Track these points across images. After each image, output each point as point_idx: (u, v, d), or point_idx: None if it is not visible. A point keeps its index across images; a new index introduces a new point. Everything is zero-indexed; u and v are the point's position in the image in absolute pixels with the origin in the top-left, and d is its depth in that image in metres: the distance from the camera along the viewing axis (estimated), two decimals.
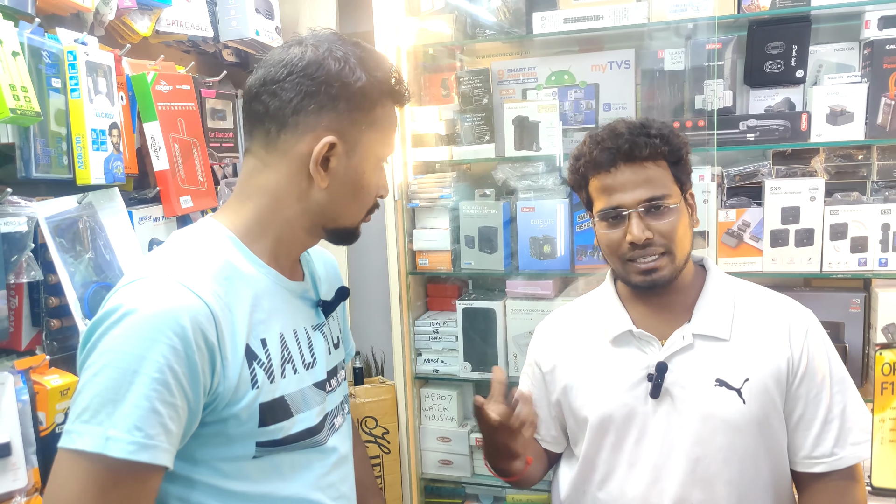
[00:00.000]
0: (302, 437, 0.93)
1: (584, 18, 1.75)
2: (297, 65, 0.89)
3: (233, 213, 0.94)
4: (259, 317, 0.90)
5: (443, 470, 2.01)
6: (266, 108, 0.90)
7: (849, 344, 1.69)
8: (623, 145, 1.14)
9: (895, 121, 1.61)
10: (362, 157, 0.93)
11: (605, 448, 1.22)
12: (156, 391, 0.77)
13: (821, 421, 1.17)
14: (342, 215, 0.96)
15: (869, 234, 1.65)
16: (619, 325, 1.22)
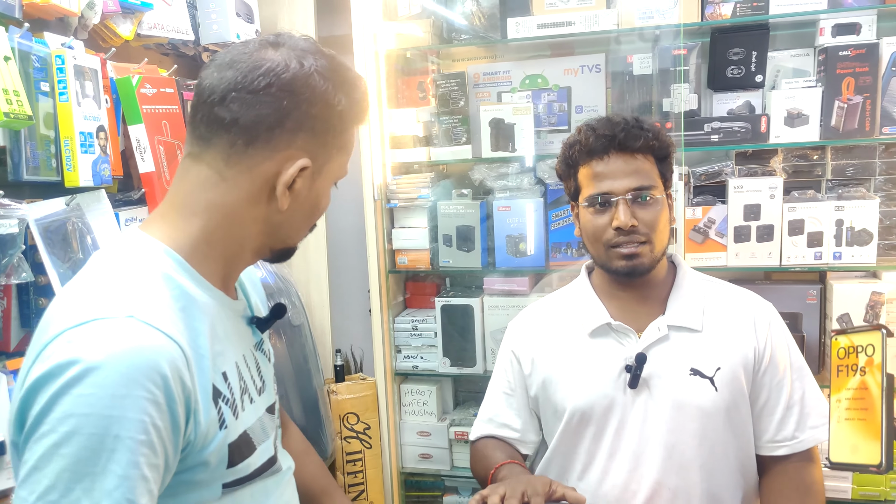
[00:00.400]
0: (265, 468, 0.88)
1: (557, 24, 1.82)
2: (280, 76, 0.79)
3: (173, 228, 0.82)
4: (217, 348, 0.81)
5: (423, 463, 2.06)
6: (235, 118, 0.80)
7: (806, 333, 1.79)
8: (619, 133, 1.19)
9: (848, 123, 1.71)
10: (325, 180, 0.87)
11: (586, 439, 1.25)
12: (144, 455, 0.67)
13: (783, 407, 1.24)
14: (292, 236, 0.90)
15: (824, 229, 1.76)
16: (597, 319, 1.27)
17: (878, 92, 1.69)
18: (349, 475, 1.97)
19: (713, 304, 1.27)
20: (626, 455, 1.22)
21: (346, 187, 2.10)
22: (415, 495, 2.11)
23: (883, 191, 1.77)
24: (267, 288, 1.68)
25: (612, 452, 1.23)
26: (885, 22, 1.78)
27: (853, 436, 1.03)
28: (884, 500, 1.77)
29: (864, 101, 1.70)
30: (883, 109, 1.69)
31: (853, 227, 1.74)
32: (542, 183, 1.94)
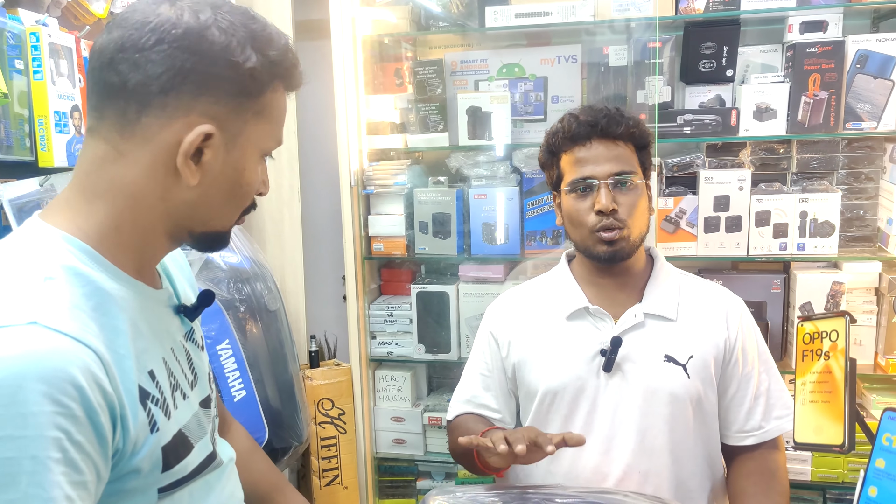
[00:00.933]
0: (204, 466, 0.82)
1: (535, 14, 1.83)
2: (170, 31, 0.70)
3: (77, 214, 0.73)
4: (141, 345, 0.74)
5: (396, 449, 2.08)
6: (124, 82, 0.71)
7: (770, 321, 1.86)
8: (602, 120, 1.23)
9: (814, 118, 1.77)
10: (244, 151, 0.77)
11: (557, 420, 1.28)
12: (64, 474, 0.61)
13: (751, 398, 1.29)
14: (214, 218, 0.79)
15: (789, 221, 1.81)
16: (576, 303, 1.30)
17: (842, 88, 1.75)
18: (324, 460, 1.98)
19: (688, 296, 1.31)
20: (598, 438, 1.25)
21: (321, 173, 2.13)
22: (388, 480, 2.13)
23: (845, 184, 1.83)
24: (243, 273, 1.67)
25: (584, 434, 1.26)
26: (851, 20, 1.84)
27: (817, 417, 1.07)
28: (841, 482, 1.84)
29: (829, 96, 1.75)
30: (847, 105, 1.75)
31: (816, 219, 1.80)
32: (518, 172, 1.96)
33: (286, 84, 0.80)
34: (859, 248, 1.83)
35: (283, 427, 1.69)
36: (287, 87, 0.81)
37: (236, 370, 1.57)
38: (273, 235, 2.02)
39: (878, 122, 1.74)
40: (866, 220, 1.83)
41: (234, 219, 0.82)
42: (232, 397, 1.56)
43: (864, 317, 1.80)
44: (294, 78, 0.80)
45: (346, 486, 2.00)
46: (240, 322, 1.62)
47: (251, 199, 0.82)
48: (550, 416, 1.29)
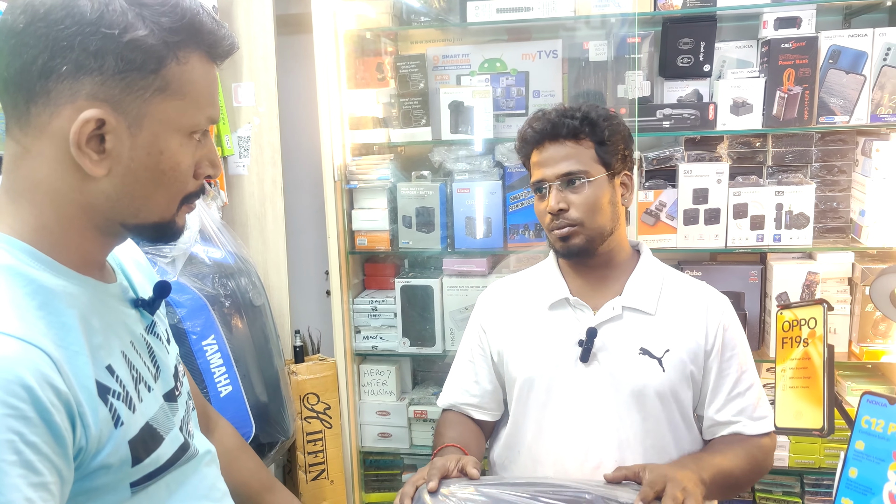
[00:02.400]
0: (176, 457, 0.80)
1: (516, 9, 1.85)
2: (38, 9, 0.65)
3: (7, 214, 0.71)
4: (96, 341, 0.72)
5: (381, 442, 2.08)
6: (8, 72, 0.67)
7: (748, 311, 1.90)
8: (546, 126, 1.29)
9: (788, 112, 1.81)
10: (155, 133, 0.70)
11: (535, 408, 1.30)
12: (21, 476, 0.60)
13: (725, 394, 1.28)
14: (143, 208, 0.74)
15: (765, 213, 1.86)
16: (557, 293, 1.33)
17: (815, 83, 1.79)
18: (310, 455, 1.98)
19: (670, 291, 1.32)
20: (573, 427, 1.27)
21: (303, 168, 2.12)
22: (374, 473, 2.14)
23: (819, 177, 1.88)
24: (227, 268, 1.66)
25: (561, 423, 1.28)
26: (824, 16, 1.88)
27: (797, 402, 1.11)
28: (818, 467, 1.89)
29: (803, 91, 1.80)
30: (820, 100, 1.80)
31: (791, 210, 1.84)
32: (501, 166, 1.97)
33: (206, 52, 0.73)
34: (833, 239, 1.88)
35: (270, 422, 1.69)
36: (209, 56, 0.73)
37: (222, 366, 1.56)
38: (256, 230, 2.01)
39: (850, 116, 1.79)
40: (839, 212, 1.88)
41: (174, 207, 0.76)
42: (218, 392, 1.55)
43: (839, 306, 1.84)
44: (212, 45, 0.73)
45: (332, 480, 2.00)
46: (225, 317, 1.61)
47: (186, 182, 0.75)
48: (529, 403, 1.31)
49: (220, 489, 0.91)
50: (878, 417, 0.84)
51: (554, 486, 1.06)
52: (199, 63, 0.72)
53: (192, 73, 0.72)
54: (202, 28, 0.71)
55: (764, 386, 1.90)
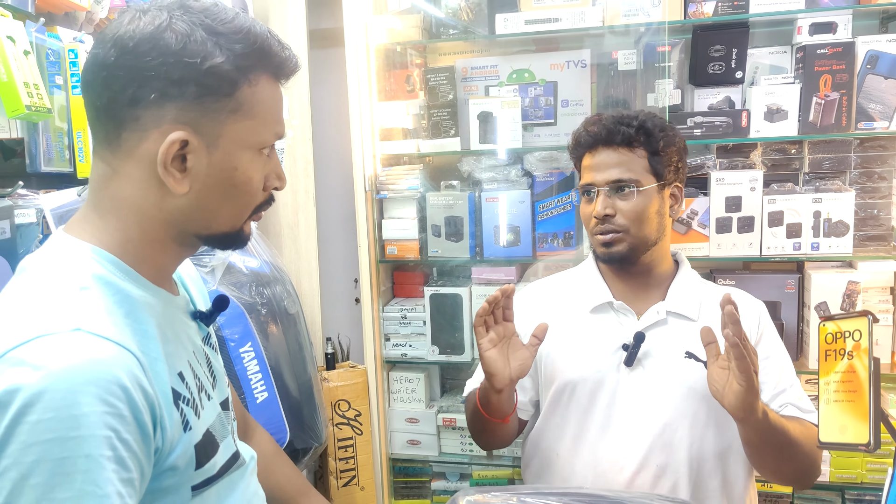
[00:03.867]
0: (229, 465, 0.85)
1: (544, 20, 1.86)
2: (127, 43, 0.70)
3: (95, 229, 0.77)
4: (169, 349, 0.77)
5: (411, 450, 2.10)
6: (100, 101, 0.73)
7: (785, 321, 1.85)
8: (601, 131, 1.30)
9: (825, 118, 1.77)
10: (229, 151, 0.75)
11: (577, 412, 1.30)
12: (115, 472, 0.64)
13: (770, 390, 1.27)
14: (215, 220, 0.79)
15: (802, 221, 1.81)
16: (600, 297, 1.34)
17: (853, 89, 1.75)
18: (341, 461, 2.00)
19: (709, 298, 1.33)
20: (617, 431, 1.27)
21: (335, 178, 2.17)
22: (403, 480, 2.15)
23: (858, 184, 1.83)
24: (263, 277, 1.71)
25: (603, 427, 1.28)
26: (860, 21, 1.84)
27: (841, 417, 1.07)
28: (860, 483, 1.83)
29: (840, 97, 1.76)
30: (858, 105, 1.75)
31: (830, 218, 1.80)
32: (529, 175, 1.98)
33: (272, 73, 0.78)
34: (874, 248, 1.82)
35: (304, 428, 1.72)
36: (276, 76, 0.78)
37: (258, 372, 1.60)
38: (289, 239, 2.06)
39: (889, 122, 1.74)
40: (880, 220, 1.82)
41: (243, 218, 0.81)
42: (255, 399, 1.59)
43: (881, 316, 1.79)
44: (279, 66, 0.78)
45: (362, 486, 2.02)
46: (261, 325, 1.65)
47: (256, 195, 0.81)
48: (571, 407, 1.31)
49: (260, 496, 0.94)
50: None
51: (592, 495, 1.07)
52: (267, 84, 0.78)
53: (262, 94, 0.77)
54: (271, 52, 0.76)
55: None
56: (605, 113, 1.36)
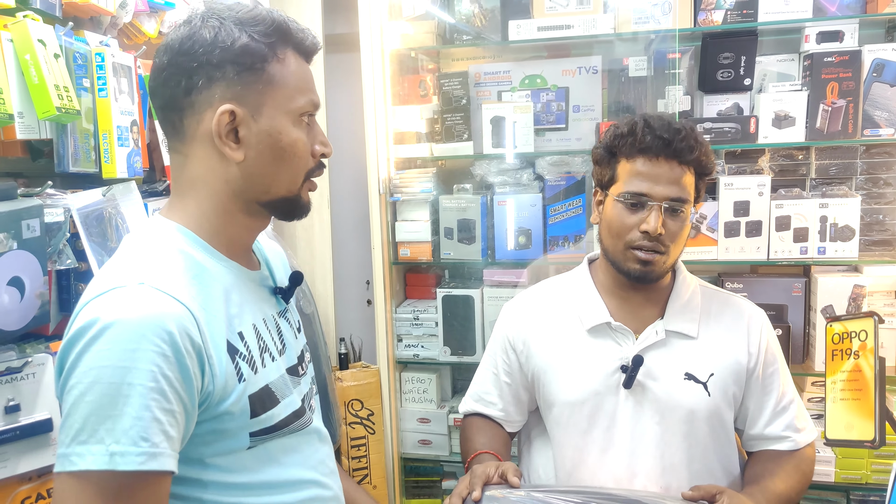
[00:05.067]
0: (290, 420, 0.94)
1: (557, 27, 1.90)
2: (173, 47, 0.86)
3: (179, 210, 0.91)
4: (232, 311, 0.89)
5: (422, 449, 2.12)
6: (163, 100, 0.88)
7: (792, 324, 1.88)
8: (679, 141, 1.18)
9: (832, 125, 1.81)
10: (272, 117, 0.88)
11: (575, 433, 1.27)
12: (154, 400, 0.76)
13: (770, 410, 1.29)
14: (272, 184, 0.90)
15: (809, 225, 1.85)
16: (598, 317, 1.28)
17: (860, 96, 1.79)
18: (354, 460, 2.03)
19: (709, 311, 1.30)
20: (618, 453, 1.25)
21: (348, 180, 2.20)
22: (414, 480, 2.17)
23: (864, 189, 1.86)
24: None
25: (603, 449, 1.26)
26: (867, 30, 1.88)
27: (847, 415, 1.11)
28: (865, 483, 1.85)
29: (847, 104, 1.79)
30: (864, 113, 1.79)
31: (836, 223, 1.83)
32: (541, 179, 2.01)
33: (296, 50, 0.90)
34: (879, 252, 1.86)
35: None
36: (299, 52, 0.91)
37: None
38: (304, 241, 2.10)
39: (895, 129, 1.78)
40: (885, 225, 1.86)
41: (297, 182, 0.92)
42: None
43: (886, 319, 1.82)
44: (300, 43, 0.90)
45: (375, 485, 2.05)
46: None
47: (305, 158, 0.91)
48: (569, 428, 1.29)
49: (328, 466, 1.03)
50: None
51: (603, 493, 1.08)
52: (294, 59, 0.90)
53: (290, 67, 0.89)
54: (289, 30, 0.89)
55: (809, 400, 1.90)
56: (649, 115, 1.24)
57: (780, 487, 1.22)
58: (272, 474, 0.92)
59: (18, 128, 1.11)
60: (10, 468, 1.05)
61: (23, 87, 1.11)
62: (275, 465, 0.93)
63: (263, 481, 0.92)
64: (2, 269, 1.05)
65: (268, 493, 0.92)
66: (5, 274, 1.06)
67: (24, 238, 1.08)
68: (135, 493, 0.76)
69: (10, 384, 1.07)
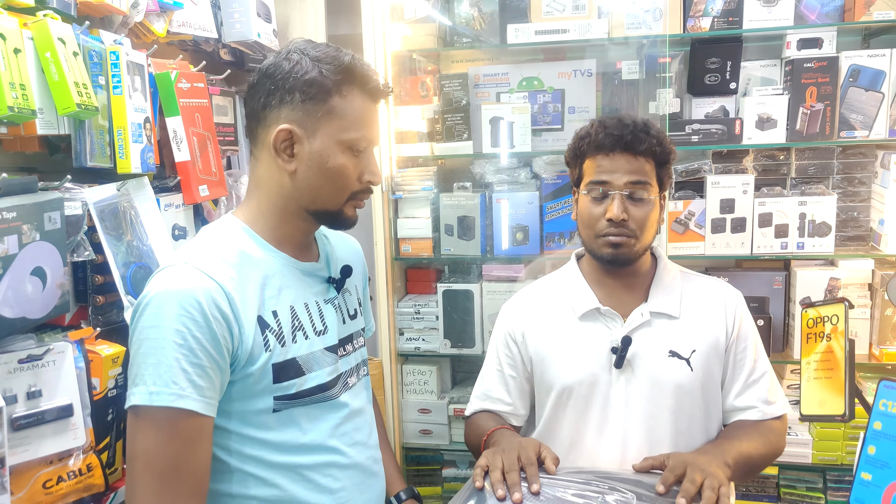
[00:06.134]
0: (313, 392, 1.08)
1: (553, 31, 1.98)
2: (263, 69, 1.05)
3: (245, 207, 1.10)
4: (269, 293, 1.05)
5: (423, 439, 2.20)
6: (248, 111, 1.08)
7: (773, 315, 2.00)
8: (627, 135, 1.30)
9: (811, 127, 1.92)
10: (324, 143, 1.03)
11: (573, 415, 1.34)
12: (182, 354, 0.94)
13: (742, 381, 1.36)
14: (317, 197, 1.06)
15: (789, 222, 1.96)
16: (587, 303, 1.37)
17: (837, 100, 1.90)
18: None
19: (689, 293, 1.40)
20: (613, 429, 1.33)
21: None
22: (415, 468, 2.25)
23: (840, 188, 1.98)
24: None
25: (599, 427, 1.34)
26: (844, 37, 2.00)
27: (820, 392, 1.22)
28: (840, 464, 1.98)
29: (824, 108, 1.90)
30: (841, 116, 1.90)
31: (814, 220, 1.95)
32: (538, 177, 2.09)
33: (363, 90, 1.05)
34: (854, 247, 1.97)
35: None
36: (364, 93, 1.05)
37: None
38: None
39: (869, 131, 1.89)
40: (860, 221, 1.98)
41: (340, 200, 1.07)
42: None
43: (859, 310, 1.94)
44: (365, 83, 1.05)
45: None
46: None
47: (350, 182, 1.06)
48: (567, 410, 1.36)
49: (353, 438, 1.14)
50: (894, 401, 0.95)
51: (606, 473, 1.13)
52: (360, 98, 1.06)
53: (353, 104, 1.05)
54: (355, 72, 1.05)
55: (789, 387, 2.02)
56: (607, 116, 1.36)
57: (742, 446, 1.27)
58: (293, 436, 1.07)
59: (39, 123, 1.16)
60: (32, 451, 1.09)
61: (42, 84, 1.16)
62: (296, 428, 1.07)
63: (284, 440, 1.06)
64: (25, 259, 1.09)
65: (285, 452, 1.06)
66: (29, 264, 1.10)
67: (46, 230, 1.12)
68: (174, 425, 0.94)
69: (31, 371, 1.11)
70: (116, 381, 1.25)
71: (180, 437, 0.94)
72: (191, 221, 1.58)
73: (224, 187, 1.67)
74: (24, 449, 1.09)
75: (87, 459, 1.18)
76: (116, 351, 1.25)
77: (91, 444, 1.19)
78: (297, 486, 1.07)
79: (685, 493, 1.06)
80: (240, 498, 1.06)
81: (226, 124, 1.80)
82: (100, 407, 1.22)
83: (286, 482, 1.07)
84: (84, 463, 1.17)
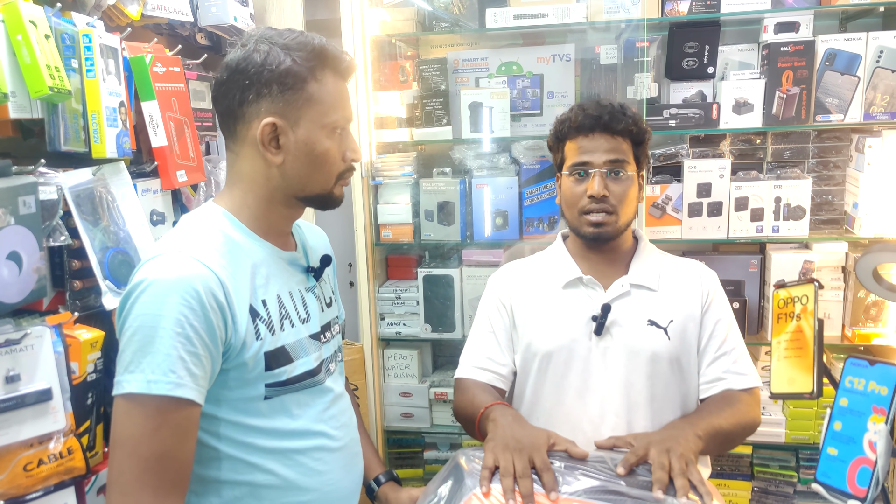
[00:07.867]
0: (303, 378, 1.10)
1: (532, 16, 1.98)
2: (231, 65, 1.03)
3: (227, 198, 1.10)
4: (258, 282, 1.06)
5: (404, 422, 2.22)
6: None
7: (748, 298, 2.03)
8: (605, 115, 1.37)
9: (787, 111, 1.94)
10: (308, 130, 1.03)
11: (552, 379, 1.40)
12: (180, 343, 0.94)
13: (712, 352, 1.41)
14: (308, 184, 1.07)
15: (765, 206, 1.98)
16: (570, 273, 1.44)
17: (813, 84, 1.92)
18: None
19: (668, 270, 1.47)
20: (593, 393, 1.38)
21: None
22: (397, 451, 2.27)
23: (815, 172, 2.00)
24: None
25: (579, 391, 1.39)
26: (821, 21, 2.01)
27: (790, 370, 1.24)
28: (813, 443, 2.02)
29: (800, 92, 1.92)
30: (817, 100, 1.92)
31: (789, 203, 1.97)
32: (517, 163, 2.10)
33: (333, 71, 1.06)
34: (828, 230, 2.00)
35: None
36: (336, 73, 1.06)
37: None
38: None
39: (844, 115, 1.92)
40: (834, 205, 2.01)
41: (330, 182, 1.09)
42: None
43: (833, 293, 1.98)
44: (336, 64, 1.06)
45: None
46: None
47: (336, 164, 1.08)
48: (548, 374, 1.42)
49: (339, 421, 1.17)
50: (860, 377, 0.97)
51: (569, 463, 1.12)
52: (332, 79, 1.07)
53: (327, 87, 1.06)
54: (327, 54, 1.05)
55: (763, 368, 2.05)
56: (585, 101, 1.45)
57: (710, 419, 1.29)
58: (283, 423, 1.08)
59: (11, 107, 1.14)
60: (11, 435, 1.09)
61: (13, 67, 1.13)
62: (286, 415, 1.09)
63: (275, 427, 1.07)
64: (0, 243, 1.08)
65: (277, 438, 1.08)
66: (4, 248, 1.09)
67: (20, 214, 1.12)
68: (166, 413, 0.94)
69: (9, 355, 1.10)
70: (96, 366, 1.25)
71: (169, 426, 0.95)
72: (169, 207, 1.57)
73: (202, 173, 1.67)
74: (4, 432, 1.09)
75: (68, 443, 1.18)
76: (95, 335, 1.25)
77: (71, 427, 1.19)
78: (288, 471, 1.09)
79: (659, 483, 1.05)
80: (229, 484, 1.06)
81: (203, 109, 1.78)
82: (79, 391, 1.22)
83: (277, 467, 1.08)
84: (65, 446, 1.17)
